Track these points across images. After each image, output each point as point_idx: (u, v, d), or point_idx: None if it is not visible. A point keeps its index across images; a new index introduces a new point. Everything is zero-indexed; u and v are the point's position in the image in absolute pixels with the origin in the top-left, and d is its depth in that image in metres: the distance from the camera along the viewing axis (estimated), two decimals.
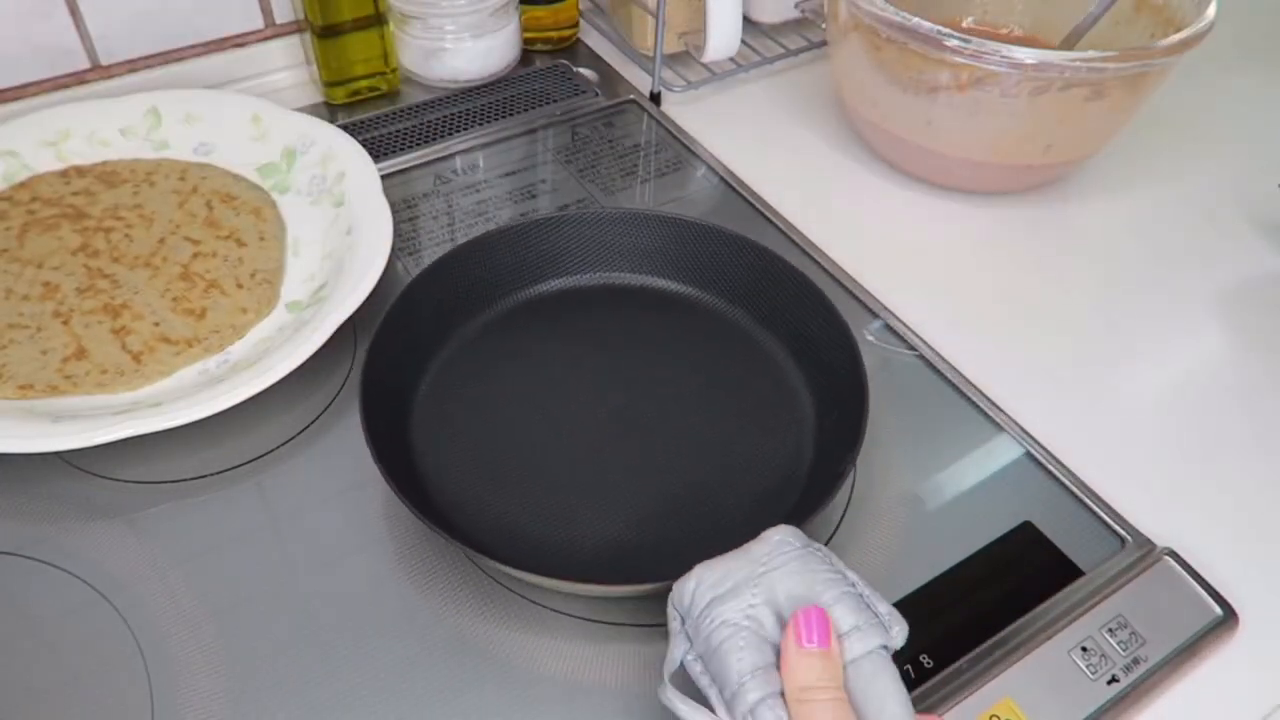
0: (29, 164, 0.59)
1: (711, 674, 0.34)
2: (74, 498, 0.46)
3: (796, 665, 0.32)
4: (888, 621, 0.35)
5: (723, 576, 0.35)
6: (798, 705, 0.32)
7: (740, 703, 0.32)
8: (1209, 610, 0.43)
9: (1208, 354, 0.57)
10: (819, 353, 0.51)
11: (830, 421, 0.49)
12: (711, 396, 0.51)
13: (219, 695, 0.39)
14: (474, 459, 0.47)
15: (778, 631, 0.34)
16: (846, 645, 0.33)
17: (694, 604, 0.35)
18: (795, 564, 0.35)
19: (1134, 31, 0.66)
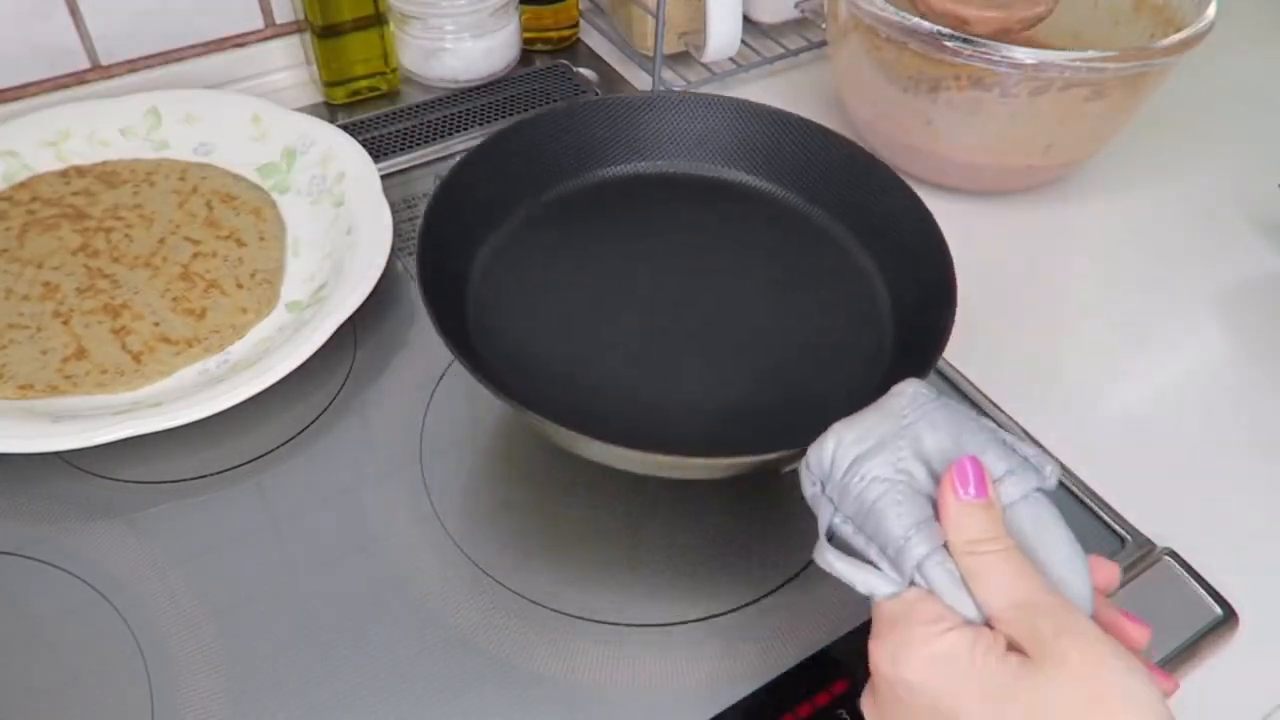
0: (29, 164, 0.59)
1: (868, 533, 0.33)
2: (74, 498, 0.46)
3: (959, 518, 0.31)
4: (1038, 462, 0.33)
5: (864, 433, 0.34)
6: (967, 558, 0.31)
7: (906, 559, 0.31)
8: (1209, 610, 0.43)
9: (1208, 354, 0.57)
10: (886, 230, 0.50)
11: (910, 296, 0.48)
12: (781, 281, 0.50)
13: (219, 695, 0.39)
14: (538, 345, 0.46)
15: (929, 484, 0.33)
16: (1002, 490, 0.32)
17: (836, 465, 0.34)
18: (937, 414, 0.34)
19: (1134, 31, 0.66)
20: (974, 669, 0.29)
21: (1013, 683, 0.29)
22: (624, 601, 0.43)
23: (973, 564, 0.31)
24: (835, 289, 0.50)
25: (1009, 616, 0.30)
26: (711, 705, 0.39)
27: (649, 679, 0.40)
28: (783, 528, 0.46)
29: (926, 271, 0.47)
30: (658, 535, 0.45)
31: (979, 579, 0.30)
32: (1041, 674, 0.28)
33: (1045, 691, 0.28)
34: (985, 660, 0.29)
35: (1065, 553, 0.32)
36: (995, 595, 0.30)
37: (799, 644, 0.42)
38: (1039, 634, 0.29)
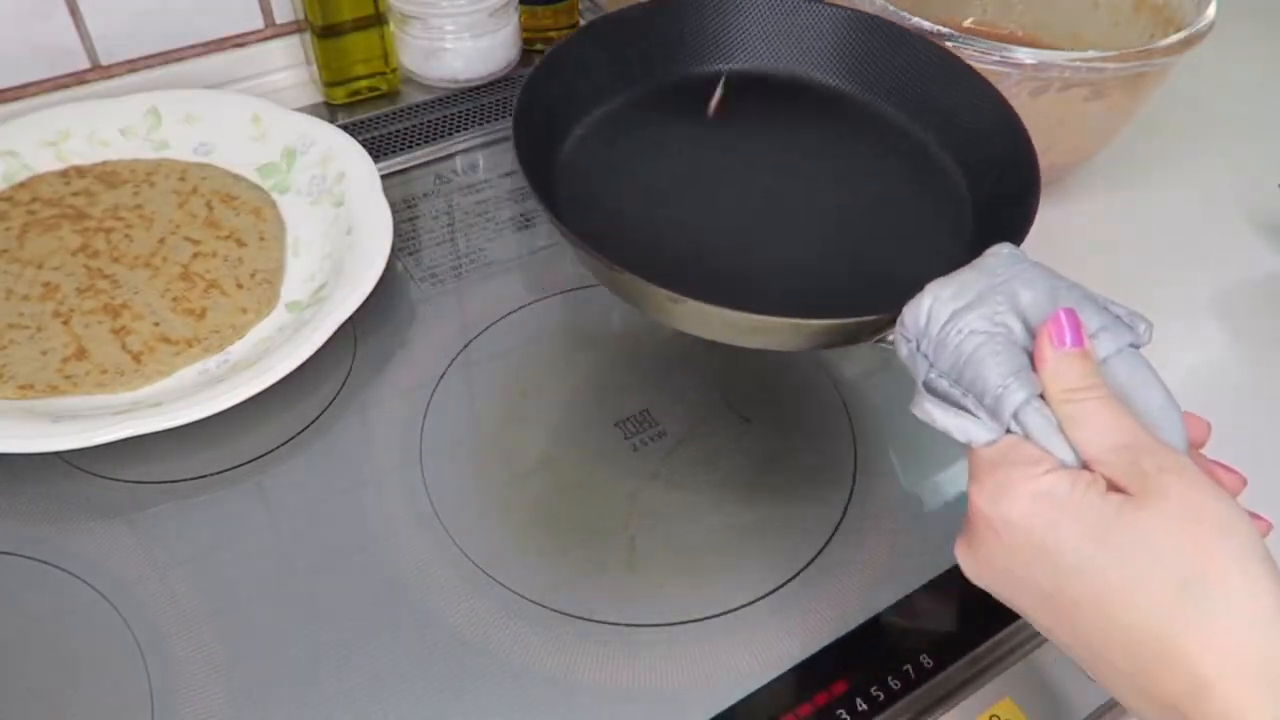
0: (29, 164, 0.59)
1: (965, 384, 0.33)
2: (74, 498, 0.46)
3: (1057, 367, 0.32)
4: (1130, 320, 0.34)
5: (960, 289, 0.34)
6: (1065, 405, 0.31)
7: (1005, 405, 0.31)
8: None
9: (1207, 354, 0.57)
10: (962, 121, 0.51)
11: (990, 182, 0.48)
12: (865, 172, 0.51)
13: (219, 695, 0.39)
14: (626, 217, 0.47)
15: (1026, 338, 0.33)
16: (1097, 345, 0.33)
17: (932, 320, 0.34)
18: (1032, 272, 0.34)
19: (1134, 31, 0.66)
20: (1075, 504, 0.30)
21: (1114, 517, 0.29)
22: (624, 601, 0.43)
23: (1071, 410, 0.31)
24: (918, 180, 0.51)
25: (1109, 459, 0.30)
26: (711, 705, 0.40)
27: (649, 679, 0.40)
28: (783, 527, 0.46)
29: (1007, 159, 0.47)
30: (658, 535, 0.45)
31: (1077, 424, 0.31)
32: (1142, 509, 0.29)
33: (1146, 524, 0.29)
34: (1086, 496, 0.30)
35: (1160, 402, 0.32)
36: (1093, 439, 0.31)
37: (799, 644, 0.42)
38: (1140, 470, 0.29)
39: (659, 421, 0.50)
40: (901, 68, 0.54)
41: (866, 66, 0.55)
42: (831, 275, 0.46)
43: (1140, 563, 0.28)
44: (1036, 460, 0.31)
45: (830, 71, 0.55)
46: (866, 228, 0.48)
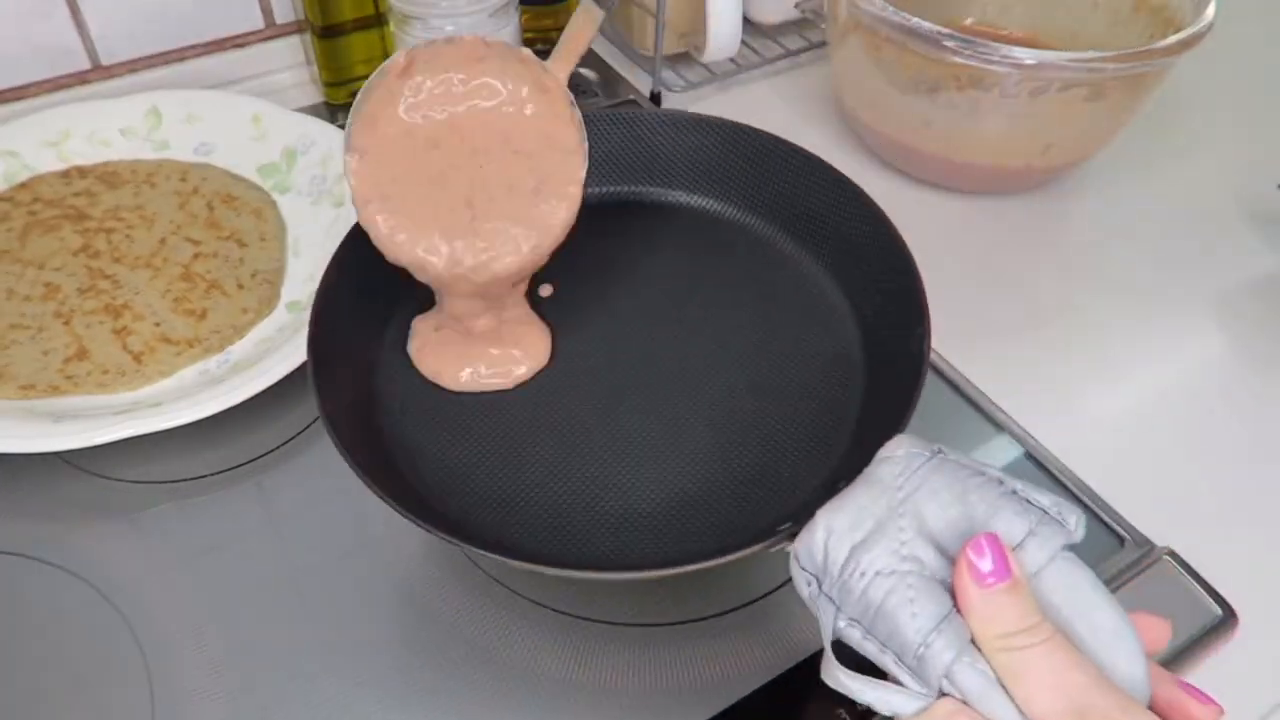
0: (30, 164, 0.59)
1: (880, 638, 0.28)
2: (75, 498, 0.46)
3: (986, 610, 0.27)
4: (1058, 514, 0.29)
5: (857, 517, 0.29)
6: (1002, 655, 0.27)
7: (931, 668, 0.27)
8: (1209, 610, 0.43)
9: (1207, 353, 0.57)
10: (839, 236, 0.47)
11: (873, 309, 0.45)
12: (731, 306, 0.48)
13: (219, 695, 0.39)
14: (461, 443, 0.44)
15: (942, 566, 0.28)
16: (1026, 558, 0.28)
17: (830, 559, 0.29)
18: (936, 478, 0.29)
19: (1133, 31, 0.66)
20: None
21: None
22: (624, 601, 0.43)
23: (1010, 661, 0.27)
24: (795, 313, 0.47)
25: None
26: (711, 705, 0.40)
27: (649, 679, 0.41)
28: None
29: (886, 276, 0.44)
30: None
31: (1019, 679, 0.26)
32: None
33: None
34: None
35: (1110, 625, 0.27)
36: (1041, 698, 0.26)
37: (799, 644, 0.42)
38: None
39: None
40: (778, 181, 0.50)
41: (735, 180, 0.51)
42: (717, 477, 0.41)
43: None
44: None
45: (693, 188, 0.52)
46: (744, 387, 0.44)
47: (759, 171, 0.51)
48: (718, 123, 0.52)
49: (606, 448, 0.43)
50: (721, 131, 0.51)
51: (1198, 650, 0.42)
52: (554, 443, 0.44)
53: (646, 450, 0.43)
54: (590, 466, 0.43)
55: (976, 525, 0.29)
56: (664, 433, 0.44)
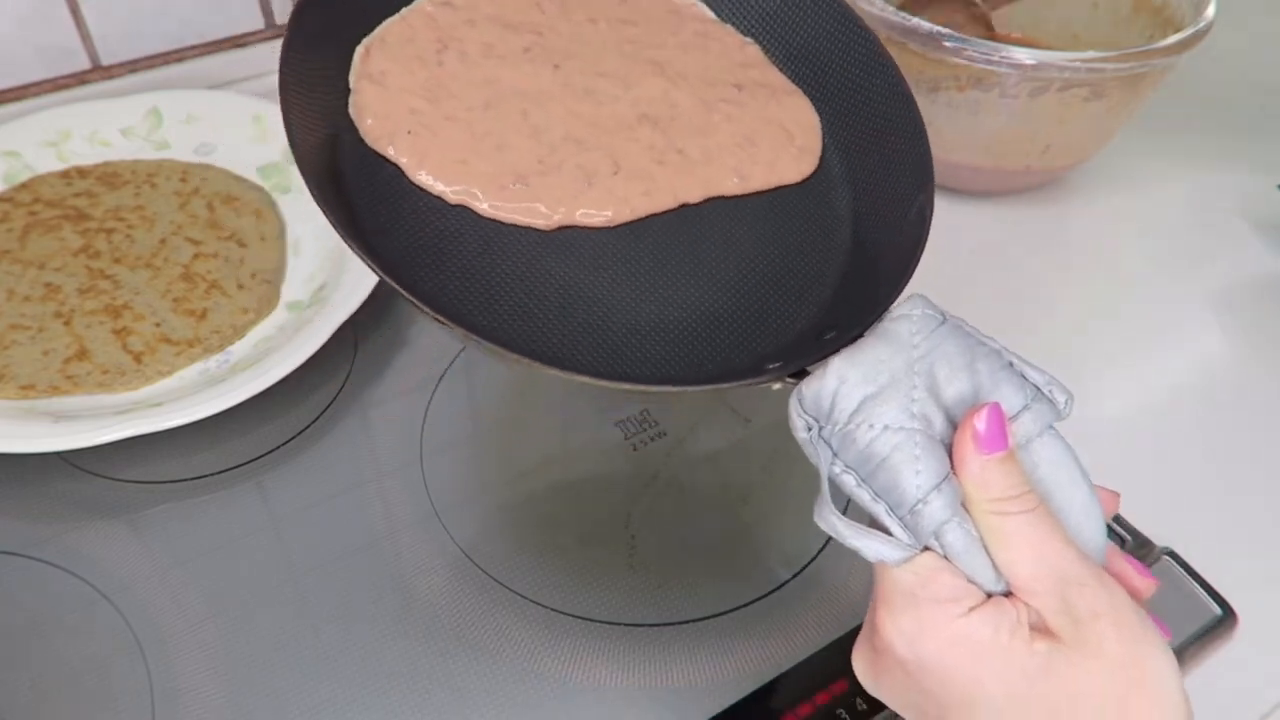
0: (30, 164, 0.59)
1: (875, 488, 0.29)
2: (75, 498, 0.46)
3: (983, 475, 0.28)
4: (1050, 390, 0.30)
5: (871, 370, 0.29)
6: (991, 518, 0.28)
7: (924, 523, 0.28)
8: (1208, 610, 0.43)
9: (1207, 354, 0.57)
10: (841, 84, 0.43)
11: (867, 170, 0.41)
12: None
13: (219, 695, 0.39)
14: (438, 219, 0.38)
15: (946, 429, 0.29)
16: (1018, 428, 0.29)
17: (838, 407, 0.29)
18: (949, 341, 0.30)
19: (1132, 32, 0.66)
20: (997, 654, 0.27)
21: (1040, 672, 0.27)
22: (624, 601, 0.43)
23: (997, 524, 0.28)
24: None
25: (1037, 588, 0.28)
26: (711, 705, 0.40)
27: (649, 679, 0.41)
28: (783, 527, 0.46)
29: (883, 130, 0.41)
30: (657, 535, 0.45)
31: (1003, 543, 0.28)
32: (1071, 662, 0.27)
33: (1074, 682, 0.27)
34: (1011, 645, 0.27)
35: (1083, 498, 0.29)
36: (1021, 562, 0.28)
37: (799, 644, 0.42)
38: (1074, 613, 0.27)
39: (659, 421, 0.50)
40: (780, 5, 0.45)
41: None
42: (687, 312, 0.38)
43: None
44: (957, 597, 0.28)
45: None
46: (733, 230, 0.40)
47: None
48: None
49: (588, 258, 0.38)
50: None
51: (1198, 650, 0.42)
52: (532, 240, 0.38)
53: (626, 269, 0.38)
54: (568, 271, 0.38)
55: (981, 393, 0.30)
56: (644, 250, 0.39)
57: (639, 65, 0.43)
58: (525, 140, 0.40)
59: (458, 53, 0.42)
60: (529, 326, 0.36)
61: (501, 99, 0.41)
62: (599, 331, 0.36)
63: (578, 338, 0.36)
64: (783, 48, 0.45)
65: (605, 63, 0.43)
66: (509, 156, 0.39)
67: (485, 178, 0.38)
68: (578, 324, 0.36)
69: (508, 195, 0.38)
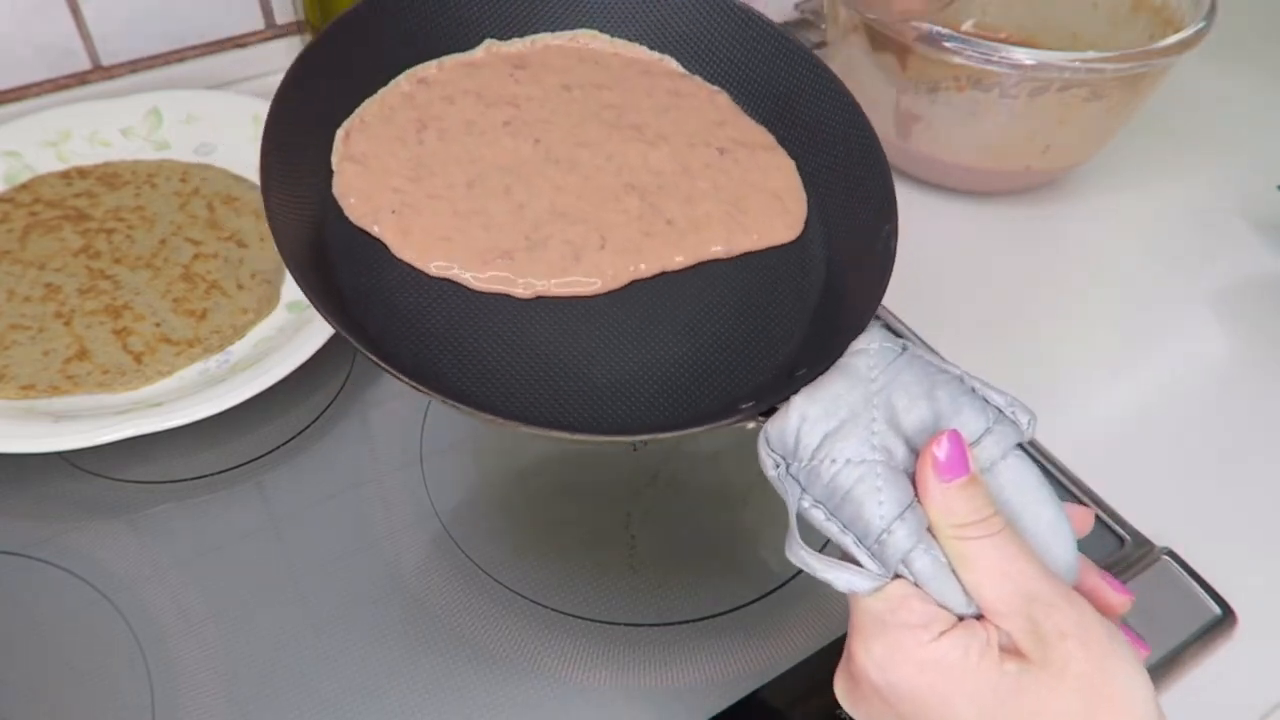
0: (31, 165, 0.59)
1: (843, 521, 0.29)
2: (75, 498, 0.46)
3: (945, 502, 0.29)
4: (1012, 413, 0.31)
5: (832, 404, 0.30)
6: (956, 543, 0.29)
7: (890, 552, 0.28)
8: (1208, 610, 0.43)
9: (1207, 354, 0.57)
10: (806, 121, 0.43)
11: (836, 202, 0.42)
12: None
13: (219, 695, 0.39)
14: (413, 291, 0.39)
15: (907, 458, 0.30)
16: (980, 452, 0.30)
17: (802, 444, 0.30)
18: (906, 372, 0.31)
19: (1132, 32, 0.66)
20: (968, 675, 0.28)
21: (1009, 692, 0.27)
22: (623, 601, 0.43)
23: (962, 549, 0.29)
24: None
25: (1004, 609, 0.28)
26: (711, 705, 0.40)
27: (649, 679, 0.41)
28: (782, 527, 0.46)
29: (847, 165, 0.41)
30: (657, 535, 0.45)
31: (969, 565, 0.29)
32: (1040, 682, 0.27)
33: (1042, 701, 0.27)
34: (980, 665, 0.28)
35: (1049, 517, 0.30)
36: (988, 584, 0.28)
37: (799, 644, 0.42)
38: (1040, 633, 0.28)
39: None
40: (739, 49, 0.45)
41: (699, 44, 0.46)
42: (662, 358, 0.38)
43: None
44: (927, 622, 0.28)
45: (658, 46, 0.46)
46: (703, 283, 0.40)
47: (727, 39, 0.46)
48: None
49: (564, 313, 0.39)
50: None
51: (1197, 650, 0.42)
52: (513, 305, 0.38)
53: (607, 328, 0.39)
54: (549, 332, 0.38)
55: (941, 420, 0.30)
56: (620, 305, 0.39)
57: (619, 132, 0.44)
58: (510, 216, 0.40)
59: (437, 130, 0.42)
60: (511, 388, 0.36)
61: (484, 176, 0.41)
62: (580, 389, 0.37)
63: (560, 396, 0.36)
64: (749, 91, 0.46)
65: (585, 132, 0.43)
66: (494, 234, 0.39)
67: (470, 255, 0.39)
68: (559, 383, 0.37)
69: (492, 271, 0.39)
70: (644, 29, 0.47)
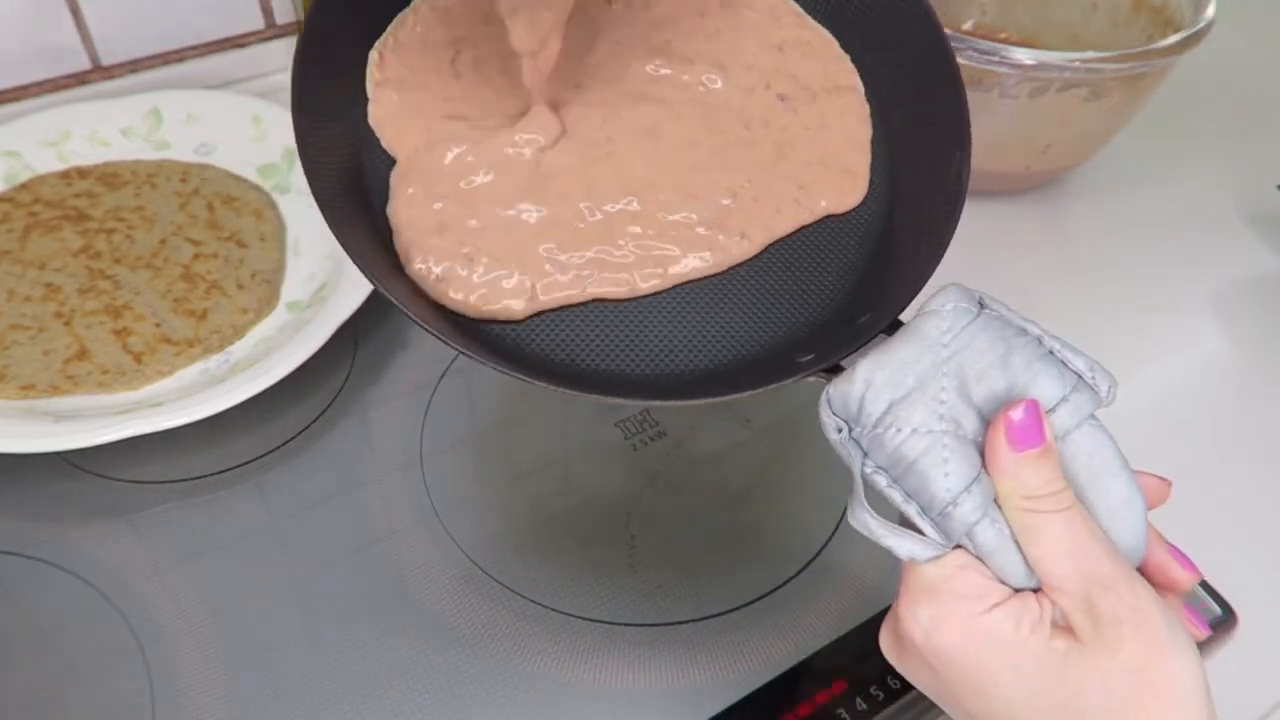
0: (31, 164, 0.59)
1: (907, 488, 0.29)
2: (75, 498, 0.46)
3: (1017, 472, 0.28)
4: (1092, 378, 0.30)
5: (899, 372, 0.29)
6: (1023, 515, 0.28)
7: (955, 523, 0.28)
8: (1209, 610, 0.43)
9: (1207, 353, 0.57)
10: (877, 24, 0.39)
11: (902, 119, 0.38)
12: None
13: (219, 695, 0.39)
14: None
15: (977, 427, 0.29)
16: (1056, 420, 0.29)
17: (866, 410, 0.29)
18: (980, 337, 0.29)
19: (1133, 32, 0.66)
20: (1014, 649, 0.27)
21: (1056, 670, 0.27)
22: (623, 601, 0.43)
23: (1029, 521, 0.28)
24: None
25: (1065, 586, 0.28)
26: (711, 705, 0.40)
27: (648, 679, 0.41)
28: (783, 527, 0.46)
29: (919, 76, 0.38)
30: (657, 535, 0.45)
31: (1034, 539, 0.28)
32: (1089, 661, 0.27)
33: (1086, 681, 0.27)
34: (1030, 642, 0.27)
35: (1121, 491, 0.29)
36: (1051, 559, 0.28)
37: (799, 644, 0.42)
38: (1096, 614, 0.27)
39: (659, 421, 0.50)
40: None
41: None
42: (718, 296, 0.36)
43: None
44: (981, 594, 0.28)
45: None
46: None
47: None
48: None
49: None
50: None
51: None
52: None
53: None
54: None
55: (1015, 389, 0.29)
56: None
57: (666, 79, 0.39)
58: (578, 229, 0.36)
59: (472, 60, 0.38)
60: (551, 352, 0.34)
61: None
62: (631, 350, 0.35)
63: (609, 358, 0.35)
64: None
65: (629, 78, 0.39)
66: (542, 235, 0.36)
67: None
68: (606, 345, 0.35)
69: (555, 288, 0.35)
70: None
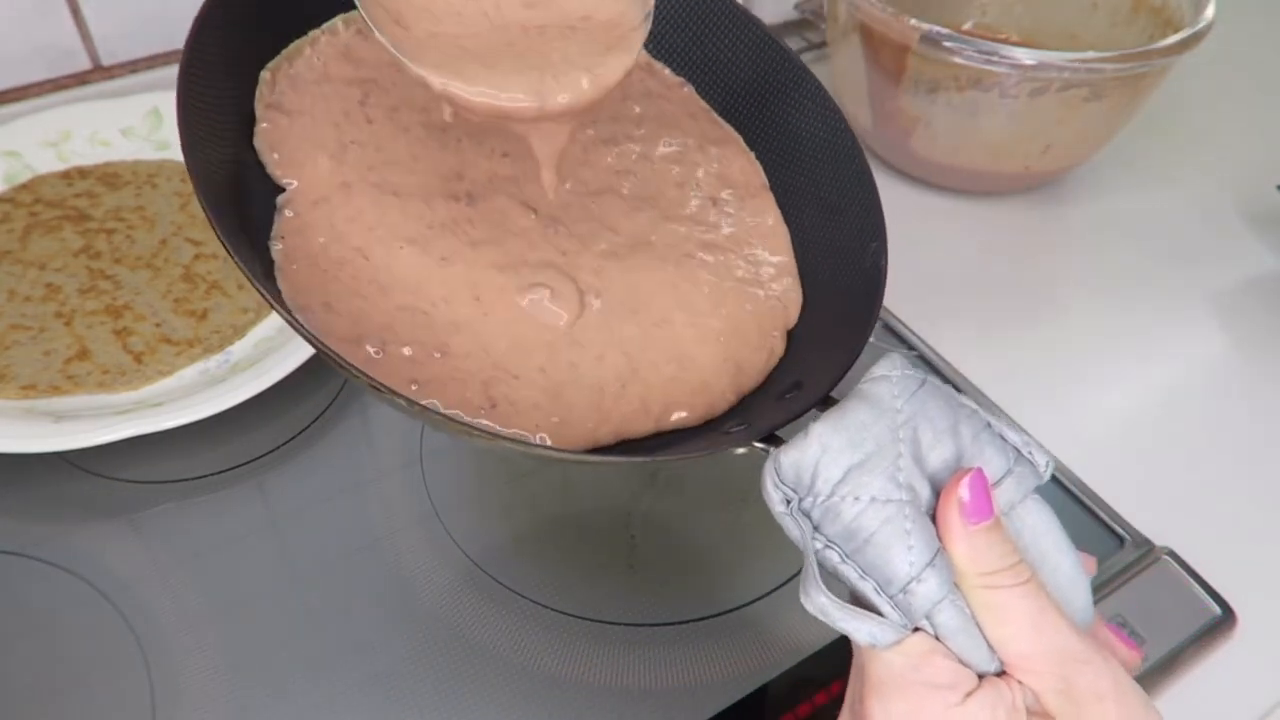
0: (31, 164, 0.59)
1: (862, 565, 0.27)
2: (75, 498, 0.46)
3: (974, 548, 0.27)
4: (1030, 454, 0.29)
5: (856, 435, 0.27)
6: (984, 593, 0.26)
7: (919, 600, 0.26)
8: (1208, 610, 0.43)
9: (1207, 354, 0.57)
10: (784, 129, 0.39)
11: (812, 219, 0.38)
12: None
13: (219, 695, 0.39)
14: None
15: (929, 493, 0.28)
16: (1000, 494, 0.28)
17: (821, 478, 0.27)
18: (932, 403, 0.28)
19: (1132, 32, 0.66)
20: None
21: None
22: (624, 601, 0.43)
23: (990, 599, 0.27)
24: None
25: (1034, 667, 0.26)
26: (711, 705, 0.40)
27: (648, 679, 0.41)
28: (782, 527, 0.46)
29: (841, 202, 0.38)
30: (658, 535, 0.45)
31: (998, 617, 0.27)
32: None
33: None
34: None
35: (1069, 566, 0.28)
36: (1018, 638, 0.26)
37: (798, 644, 0.42)
38: (1073, 694, 0.26)
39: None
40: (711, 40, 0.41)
41: (670, 34, 0.42)
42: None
43: None
44: (953, 683, 0.26)
45: None
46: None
47: (699, 31, 0.42)
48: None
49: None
50: None
51: (1197, 650, 0.42)
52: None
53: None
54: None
55: (964, 458, 0.28)
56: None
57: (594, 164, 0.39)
58: None
59: (384, 107, 0.37)
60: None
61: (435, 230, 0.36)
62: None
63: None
64: (718, 84, 0.42)
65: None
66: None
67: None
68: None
69: None
70: None
